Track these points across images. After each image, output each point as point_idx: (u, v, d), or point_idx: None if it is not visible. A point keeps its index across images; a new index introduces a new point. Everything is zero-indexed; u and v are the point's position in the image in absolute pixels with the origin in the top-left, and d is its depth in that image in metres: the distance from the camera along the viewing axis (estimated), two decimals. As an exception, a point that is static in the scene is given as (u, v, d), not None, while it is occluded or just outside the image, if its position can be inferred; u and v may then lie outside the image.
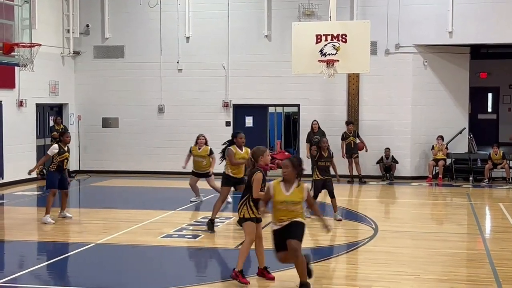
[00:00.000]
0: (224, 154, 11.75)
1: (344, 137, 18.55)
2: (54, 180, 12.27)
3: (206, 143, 14.34)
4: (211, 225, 11.48)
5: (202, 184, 14.50)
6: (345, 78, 19.04)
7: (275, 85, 19.52)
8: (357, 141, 18.57)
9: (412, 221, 13.12)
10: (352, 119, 18.97)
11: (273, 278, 8.30)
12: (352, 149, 18.49)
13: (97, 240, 10.65)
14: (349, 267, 9.54)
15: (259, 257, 8.34)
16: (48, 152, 12.32)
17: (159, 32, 20.07)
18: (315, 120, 18.63)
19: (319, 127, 18.58)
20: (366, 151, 18.55)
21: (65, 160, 12.34)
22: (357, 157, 18.54)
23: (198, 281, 8.51)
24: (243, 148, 11.57)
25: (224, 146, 11.72)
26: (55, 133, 18.69)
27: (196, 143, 14.33)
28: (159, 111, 20.26)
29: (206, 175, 14.34)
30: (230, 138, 11.74)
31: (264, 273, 8.33)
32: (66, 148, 12.35)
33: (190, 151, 14.40)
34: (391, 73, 19.01)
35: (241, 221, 8.37)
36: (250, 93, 19.71)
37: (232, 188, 11.78)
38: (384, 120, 19.12)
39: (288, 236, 7.65)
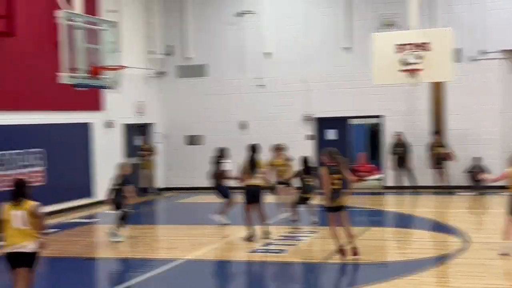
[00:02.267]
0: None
1: (430, 147, 18.14)
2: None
3: None
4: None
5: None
6: (429, 87, 18.66)
7: (356, 97, 19.36)
8: (444, 150, 18.11)
9: (505, 232, 12.63)
10: (438, 129, 18.55)
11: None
12: (439, 159, 18.06)
13: (185, 256, 10.83)
14: (440, 280, 9.29)
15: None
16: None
17: (240, 49, 20.33)
18: (398, 132, 18.34)
19: (402, 139, 18.26)
20: (454, 160, 18.07)
21: None
22: (445, 167, 18.08)
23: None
24: None
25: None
26: (143, 152, 19.21)
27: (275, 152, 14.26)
28: (242, 127, 20.45)
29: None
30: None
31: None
32: None
33: (272, 164, 14.08)
34: (477, 80, 18.48)
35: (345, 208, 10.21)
36: (331, 106, 19.62)
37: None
38: (471, 128, 18.58)
39: None
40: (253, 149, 12.26)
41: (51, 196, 15.80)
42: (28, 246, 7.60)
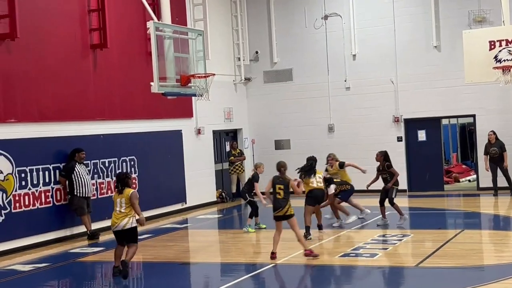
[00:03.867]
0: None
1: (527, 147, 17.43)
2: None
3: None
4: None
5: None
6: (525, 83, 17.95)
7: (447, 96, 18.88)
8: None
9: None
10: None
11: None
12: (537, 158, 17.32)
13: (276, 261, 10.87)
14: (541, 285, 8.90)
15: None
16: None
17: (325, 52, 20.26)
18: (491, 131, 17.72)
19: (496, 138, 17.62)
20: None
21: None
22: (543, 166, 17.33)
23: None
24: None
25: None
26: (232, 157, 19.46)
27: (327, 162, 14.56)
28: (329, 131, 20.36)
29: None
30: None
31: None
32: None
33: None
34: None
35: (291, 217, 10.83)
36: (421, 106, 19.21)
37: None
38: None
39: None
40: (312, 158, 13.20)
41: (144, 202, 16.08)
42: (126, 224, 9.93)
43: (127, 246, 10.14)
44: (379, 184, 13.86)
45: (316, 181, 12.94)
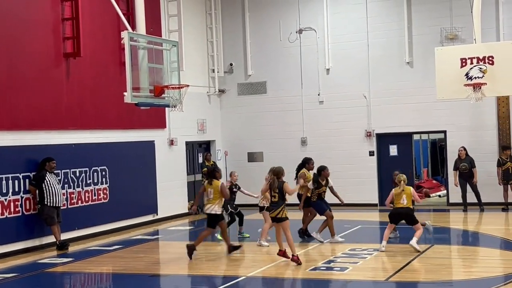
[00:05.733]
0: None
1: (500, 163, 17.62)
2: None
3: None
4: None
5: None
6: (494, 101, 18.24)
7: (419, 112, 19.08)
8: (513, 166, 17.59)
9: None
10: (506, 144, 18.05)
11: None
12: (510, 175, 17.51)
13: (247, 273, 10.85)
14: (508, 300, 9.01)
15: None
16: None
17: (299, 66, 20.36)
18: (462, 147, 17.94)
19: (466, 154, 17.84)
20: (523, 176, 17.53)
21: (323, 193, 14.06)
22: (513, 183, 17.56)
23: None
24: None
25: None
26: (206, 169, 19.37)
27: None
28: (302, 144, 20.44)
29: None
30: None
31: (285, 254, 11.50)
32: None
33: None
34: (545, 93, 17.91)
35: (284, 219, 11.47)
36: (393, 122, 19.40)
37: None
38: (539, 143, 18.01)
39: None
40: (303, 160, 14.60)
41: (115, 213, 16.16)
42: (209, 209, 12.30)
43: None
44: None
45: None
